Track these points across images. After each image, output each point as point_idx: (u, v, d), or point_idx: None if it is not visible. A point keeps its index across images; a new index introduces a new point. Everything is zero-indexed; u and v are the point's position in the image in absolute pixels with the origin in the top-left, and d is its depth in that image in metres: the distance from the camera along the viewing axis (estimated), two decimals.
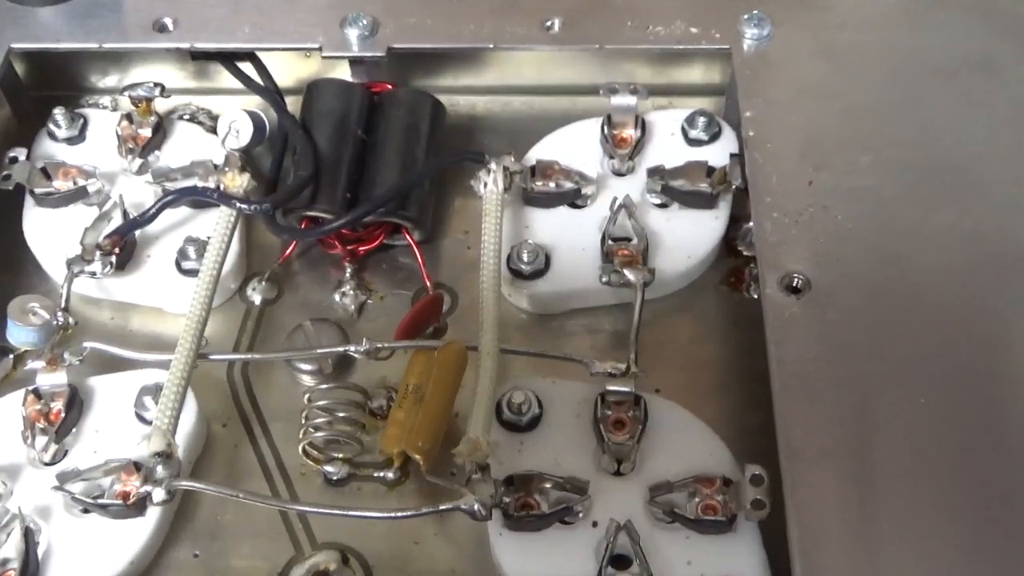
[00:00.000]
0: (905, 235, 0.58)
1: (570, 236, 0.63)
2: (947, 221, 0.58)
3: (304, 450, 0.57)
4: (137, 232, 0.63)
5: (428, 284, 0.64)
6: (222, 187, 0.63)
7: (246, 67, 0.69)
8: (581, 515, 0.53)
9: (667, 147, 0.66)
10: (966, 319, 0.55)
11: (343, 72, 0.69)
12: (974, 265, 0.57)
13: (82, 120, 0.68)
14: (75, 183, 0.64)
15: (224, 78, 0.71)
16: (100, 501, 0.53)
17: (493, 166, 0.63)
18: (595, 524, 0.53)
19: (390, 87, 0.68)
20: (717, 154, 0.65)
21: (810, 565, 0.48)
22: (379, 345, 0.58)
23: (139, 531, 0.53)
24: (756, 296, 0.62)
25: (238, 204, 0.61)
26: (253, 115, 0.67)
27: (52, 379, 0.56)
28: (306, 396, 0.58)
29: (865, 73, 0.64)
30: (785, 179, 0.60)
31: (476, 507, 0.51)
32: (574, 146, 0.66)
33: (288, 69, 0.71)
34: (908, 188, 0.59)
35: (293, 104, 0.68)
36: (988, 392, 0.53)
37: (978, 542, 0.49)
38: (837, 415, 0.52)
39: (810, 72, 0.65)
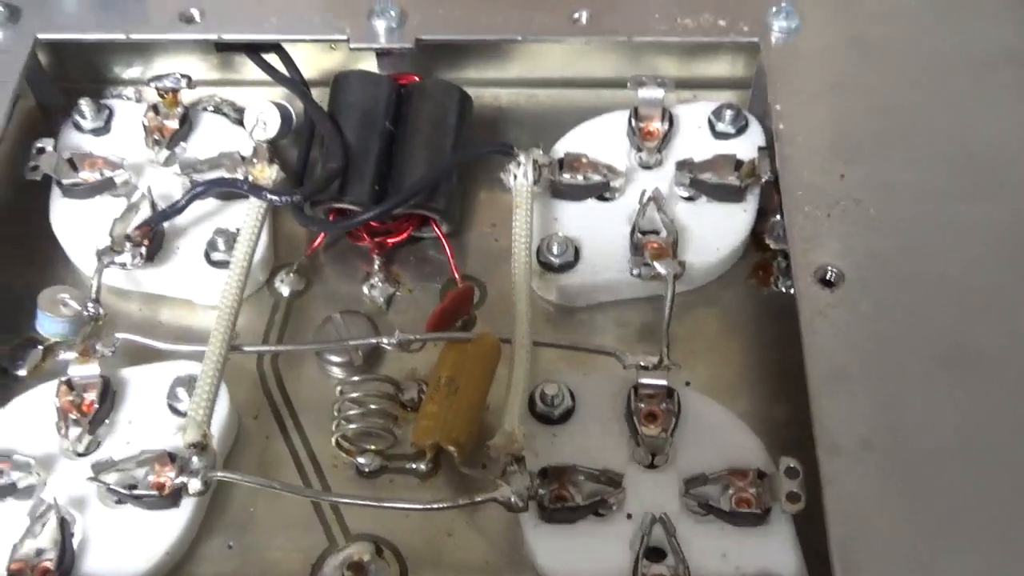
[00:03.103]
0: (940, 228, 0.58)
1: (599, 229, 0.63)
2: (983, 214, 0.58)
3: (337, 442, 0.57)
4: (165, 224, 0.63)
5: (456, 276, 0.63)
6: (251, 179, 0.63)
7: (271, 59, 0.69)
8: (615, 507, 0.53)
9: (694, 140, 0.66)
10: (1002, 311, 0.55)
11: (369, 64, 0.69)
12: (1010, 257, 0.57)
13: (107, 111, 0.68)
14: (102, 174, 0.64)
15: (247, 70, 0.71)
16: (135, 492, 0.53)
17: (522, 158, 0.63)
18: (629, 516, 0.53)
19: (416, 79, 0.68)
20: (744, 147, 0.65)
21: (849, 558, 0.48)
22: (411, 337, 0.58)
23: (174, 522, 0.53)
24: (784, 290, 0.63)
25: (269, 196, 0.61)
26: (280, 106, 0.67)
27: (84, 370, 0.56)
28: (338, 388, 0.58)
29: (896, 66, 0.64)
30: (816, 172, 0.60)
31: (513, 498, 0.51)
32: (601, 139, 0.66)
33: (313, 61, 0.71)
34: (942, 182, 0.59)
35: (319, 97, 0.68)
36: None
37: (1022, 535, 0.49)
38: (874, 408, 0.52)
39: (840, 65, 0.64)
